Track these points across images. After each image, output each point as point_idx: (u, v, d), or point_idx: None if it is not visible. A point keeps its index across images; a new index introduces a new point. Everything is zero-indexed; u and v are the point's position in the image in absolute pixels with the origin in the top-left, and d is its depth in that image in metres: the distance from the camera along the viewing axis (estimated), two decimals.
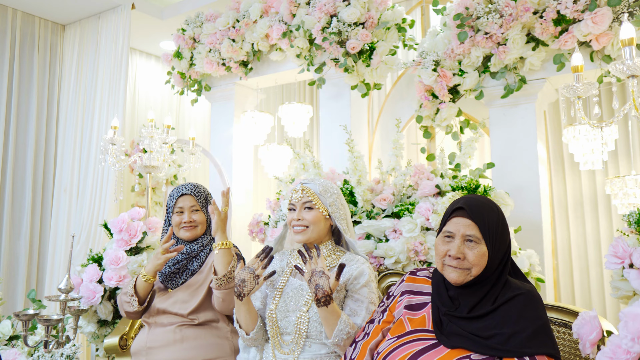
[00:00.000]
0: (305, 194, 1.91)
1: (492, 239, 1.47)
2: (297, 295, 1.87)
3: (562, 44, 2.55)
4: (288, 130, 3.87)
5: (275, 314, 1.86)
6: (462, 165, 2.53)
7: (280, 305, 1.87)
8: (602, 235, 3.38)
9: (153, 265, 2.13)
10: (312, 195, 1.90)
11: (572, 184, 3.50)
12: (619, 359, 1.29)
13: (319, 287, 1.68)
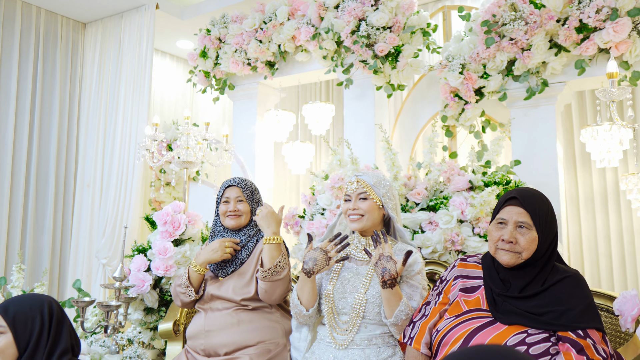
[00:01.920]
0: (360, 186, 2.07)
1: (542, 226, 1.65)
2: (353, 278, 2.03)
3: (583, 50, 2.75)
4: (312, 129, 4.03)
5: (333, 294, 2.02)
6: (491, 162, 2.71)
7: (337, 287, 2.03)
8: (612, 229, 3.61)
9: (206, 258, 2.27)
10: (367, 187, 2.06)
11: (583, 180, 3.73)
12: None
13: (386, 270, 1.84)
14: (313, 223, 2.90)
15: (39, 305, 1.70)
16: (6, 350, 1.61)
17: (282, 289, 2.23)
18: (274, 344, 2.23)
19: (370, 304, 1.95)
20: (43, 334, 1.65)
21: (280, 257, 2.20)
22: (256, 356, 2.16)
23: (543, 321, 1.57)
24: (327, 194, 2.92)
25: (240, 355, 2.16)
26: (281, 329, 2.30)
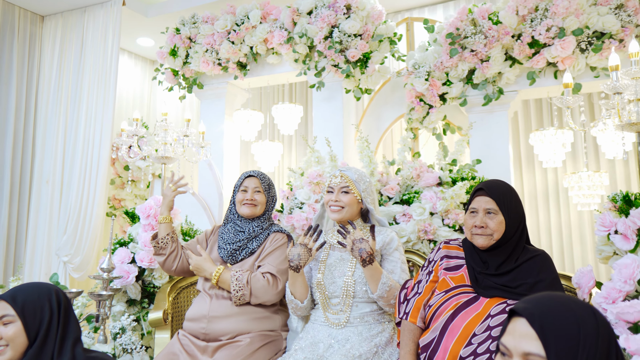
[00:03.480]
0: (343, 180, 2.28)
1: (508, 210, 1.92)
2: (340, 264, 2.24)
3: (534, 63, 3.12)
4: (281, 129, 4.20)
5: (323, 281, 2.22)
6: (456, 161, 3.01)
7: (326, 274, 2.23)
8: (552, 223, 4.05)
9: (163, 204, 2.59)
10: (349, 182, 2.27)
11: (527, 179, 4.16)
12: (613, 297, 1.80)
13: (362, 250, 2.07)
14: (292, 216, 3.07)
15: (47, 293, 1.69)
16: (16, 339, 1.60)
17: (264, 300, 2.34)
18: (272, 333, 2.39)
19: (358, 284, 2.17)
20: (52, 322, 1.64)
21: (235, 285, 2.30)
22: (255, 339, 2.31)
23: (518, 292, 1.85)
24: (305, 189, 3.11)
25: (241, 338, 2.30)
26: (280, 320, 2.45)
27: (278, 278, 2.37)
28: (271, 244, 2.49)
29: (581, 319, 1.01)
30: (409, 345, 1.91)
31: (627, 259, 1.80)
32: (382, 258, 2.25)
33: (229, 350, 2.27)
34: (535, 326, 1.02)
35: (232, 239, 2.49)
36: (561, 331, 1.01)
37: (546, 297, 1.08)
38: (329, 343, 2.13)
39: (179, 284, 2.93)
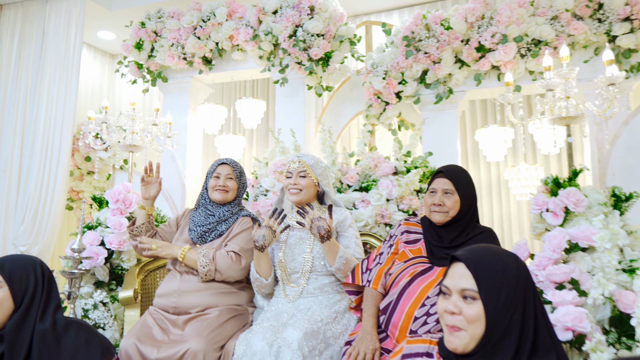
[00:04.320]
0: (301, 165, 2.49)
1: (463, 191, 2.20)
2: (299, 242, 2.45)
3: (480, 66, 3.44)
4: (244, 122, 4.36)
5: (284, 259, 2.43)
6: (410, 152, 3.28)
7: (287, 252, 2.44)
8: (495, 214, 4.41)
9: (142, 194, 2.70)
10: (307, 166, 2.48)
11: (473, 173, 4.51)
12: (543, 264, 2.09)
13: (321, 227, 2.26)
14: (258, 203, 3.25)
15: (32, 263, 1.82)
16: (3, 303, 1.72)
17: (227, 275, 2.49)
18: (239, 307, 2.55)
19: (316, 259, 2.38)
20: (37, 289, 1.77)
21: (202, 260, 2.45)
22: (224, 312, 2.46)
23: None
24: (270, 177, 3.29)
25: (210, 311, 2.45)
26: (246, 296, 2.61)
27: (241, 256, 2.53)
28: (238, 227, 2.65)
29: (506, 264, 1.28)
30: (371, 309, 2.13)
31: (555, 231, 2.09)
32: (338, 234, 2.46)
33: (199, 322, 2.40)
34: (471, 268, 1.27)
35: (203, 222, 2.64)
36: (490, 272, 1.27)
37: (480, 247, 1.35)
38: (292, 313, 2.32)
39: (146, 267, 3.03)
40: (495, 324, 1.23)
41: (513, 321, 1.25)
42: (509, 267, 1.29)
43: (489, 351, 1.25)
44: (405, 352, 1.45)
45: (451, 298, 1.29)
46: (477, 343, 1.25)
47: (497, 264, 1.29)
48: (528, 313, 1.25)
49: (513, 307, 1.26)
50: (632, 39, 3.16)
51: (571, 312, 1.68)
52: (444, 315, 1.30)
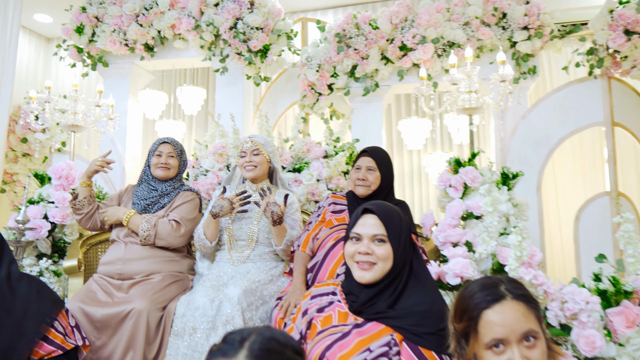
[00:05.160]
0: (253, 144, 2.76)
1: (384, 168, 2.57)
2: (248, 214, 2.72)
3: (403, 63, 3.85)
4: (185, 109, 4.55)
5: (232, 227, 2.69)
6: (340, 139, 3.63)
7: (235, 221, 2.70)
8: (415, 199, 4.87)
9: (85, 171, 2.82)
10: (259, 145, 2.76)
11: (396, 161, 4.95)
12: (445, 229, 2.49)
13: (274, 212, 2.50)
14: (198, 182, 3.48)
15: None
16: None
17: (167, 242, 2.71)
18: (181, 274, 2.77)
19: (261, 232, 2.66)
20: None
21: (143, 225, 2.67)
22: (166, 277, 2.68)
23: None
24: (210, 158, 3.53)
25: (153, 276, 2.67)
26: (187, 263, 2.84)
27: (181, 224, 2.75)
28: (180, 199, 2.87)
29: (400, 216, 1.67)
30: (300, 268, 2.45)
31: (454, 202, 2.50)
32: (285, 215, 2.75)
33: (143, 286, 2.62)
34: (381, 218, 1.62)
35: (146, 196, 2.84)
36: (393, 222, 1.64)
37: (382, 203, 1.72)
38: (232, 275, 2.59)
39: (88, 241, 3.18)
40: (399, 260, 1.59)
41: (407, 258, 1.61)
42: (402, 218, 1.66)
43: (389, 281, 1.60)
44: (314, 293, 1.75)
45: (362, 242, 1.62)
46: (384, 275, 1.59)
47: (396, 215, 1.66)
48: (412, 253, 1.62)
49: (407, 248, 1.62)
50: (529, 45, 3.67)
51: (460, 262, 2.07)
52: (355, 256, 1.62)
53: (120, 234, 2.79)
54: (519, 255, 2.00)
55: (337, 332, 1.56)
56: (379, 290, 1.60)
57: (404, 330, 1.49)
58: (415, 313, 1.51)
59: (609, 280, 1.93)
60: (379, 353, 1.44)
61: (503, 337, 1.19)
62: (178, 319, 2.43)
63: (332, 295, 1.73)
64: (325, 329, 1.60)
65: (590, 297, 1.79)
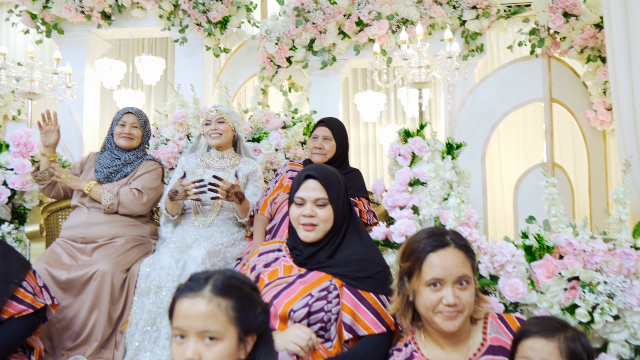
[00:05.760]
0: (218, 113, 2.86)
1: (339, 138, 2.74)
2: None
3: (359, 38, 4.00)
4: (143, 79, 4.56)
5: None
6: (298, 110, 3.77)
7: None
8: (370, 169, 5.09)
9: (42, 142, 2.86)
10: (224, 114, 2.87)
11: (353, 134, 5.14)
12: (393, 195, 2.69)
13: (238, 193, 2.59)
14: (158, 151, 3.56)
15: None
16: None
17: (130, 210, 2.80)
18: (143, 238, 2.87)
19: None
20: None
21: (106, 194, 2.75)
22: (129, 240, 2.78)
23: None
24: (170, 128, 3.61)
25: (117, 240, 2.76)
26: (149, 228, 2.94)
27: (144, 193, 2.84)
28: (143, 168, 2.95)
29: (338, 179, 1.81)
30: (260, 230, 2.61)
31: (403, 169, 2.71)
32: (249, 182, 2.87)
33: (106, 249, 2.71)
34: (322, 182, 1.76)
35: (109, 164, 2.90)
36: (333, 185, 1.78)
37: (322, 167, 1.85)
38: (196, 238, 2.72)
39: (49, 207, 3.23)
40: (339, 220, 1.76)
41: (345, 216, 1.78)
42: (340, 181, 1.81)
43: (330, 238, 1.76)
44: (261, 251, 1.90)
45: (306, 205, 1.75)
46: (325, 234, 1.75)
47: (335, 179, 1.80)
48: (350, 210, 1.80)
49: (345, 207, 1.79)
50: (478, 24, 3.89)
51: (405, 222, 2.28)
52: (300, 218, 1.75)
53: (83, 199, 2.86)
54: (457, 216, 2.22)
55: (283, 282, 1.72)
56: (320, 246, 1.75)
57: (343, 276, 1.67)
58: (352, 261, 1.70)
59: (534, 237, 2.18)
60: (318, 297, 1.63)
61: (442, 277, 1.41)
62: (142, 279, 2.55)
63: (277, 252, 1.87)
64: (272, 281, 1.75)
65: (516, 250, 2.03)
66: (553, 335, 1.32)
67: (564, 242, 2.09)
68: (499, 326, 1.50)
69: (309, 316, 1.61)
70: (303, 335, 1.52)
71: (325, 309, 1.62)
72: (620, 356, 1.93)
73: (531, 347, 1.32)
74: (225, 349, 1.08)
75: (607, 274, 1.96)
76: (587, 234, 2.08)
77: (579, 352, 1.31)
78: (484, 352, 1.45)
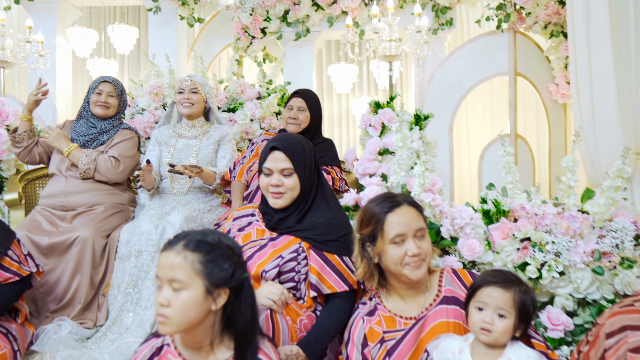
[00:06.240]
0: (192, 83, 2.93)
1: (312, 109, 2.85)
2: (186, 149, 2.93)
3: (333, 10, 4.06)
4: (116, 48, 4.54)
5: (173, 161, 2.88)
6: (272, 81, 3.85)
7: (175, 156, 2.90)
8: (343, 140, 5.22)
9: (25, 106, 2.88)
10: (197, 84, 2.94)
11: (326, 105, 5.24)
12: (363, 163, 2.83)
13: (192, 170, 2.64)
14: (134, 121, 3.61)
15: None
16: None
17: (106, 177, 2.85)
18: (122, 206, 2.95)
19: (201, 163, 2.88)
20: None
21: (84, 159, 2.80)
22: (109, 207, 2.86)
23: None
24: (146, 97, 3.65)
25: (96, 207, 2.84)
26: (128, 196, 3.02)
27: (120, 161, 2.90)
28: (119, 137, 3.00)
29: (304, 147, 1.89)
30: (238, 195, 2.74)
31: (373, 139, 2.84)
32: (219, 146, 2.97)
33: (86, 216, 2.79)
34: (287, 153, 1.85)
35: (85, 132, 2.95)
36: (298, 154, 1.86)
37: (288, 137, 1.94)
38: (174, 205, 2.83)
39: (26, 176, 3.27)
40: (305, 187, 1.87)
41: (312, 183, 1.90)
42: (306, 149, 1.91)
43: (299, 204, 1.88)
44: (235, 216, 2.02)
45: (273, 175, 1.85)
46: (293, 201, 1.87)
47: (300, 149, 1.88)
48: (318, 177, 1.92)
49: (313, 174, 1.91)
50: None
51: (374, 189, 2.43)
52: (268, 187, 1.86)
53: (61, 167, 2.90)
54: (422, 183, 2.38)
55: (256, 245, 1.85)
56: (290, 212, 1.88)
57: (310, 240, 1.81)
58: (319, 225, 1.83)
59: (492, 202, 2.36)
60: (289, 258, 1.77)
61: (403, 232, 1.57)
62: (122, 245, 2.65)
63: (251, 217, 1.99)
64: (245, 244, 1.88)
65: (474, 214, 2.20)
66: (510, 287, 1.47)
67: (518, 206, 2.27)
68: (453, 279, 1.67)
69: (280, 276, 1.76)
70: (275, 290, 1.66)
71: (295, 269, 1.77)
72: (565, 308, 2.14)
73: (489, 295, 1.47)
74: (190, 297, 1.21)
75: (556, 235, 2.16)
76: (539, 199, 2.27)
77: (528, 304, 1.47)
78: (438, 302, 1.62)
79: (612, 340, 1.37)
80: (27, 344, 2.25)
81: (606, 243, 2.11)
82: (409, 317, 1.62)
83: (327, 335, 1.70)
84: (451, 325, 1.57)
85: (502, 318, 1.44)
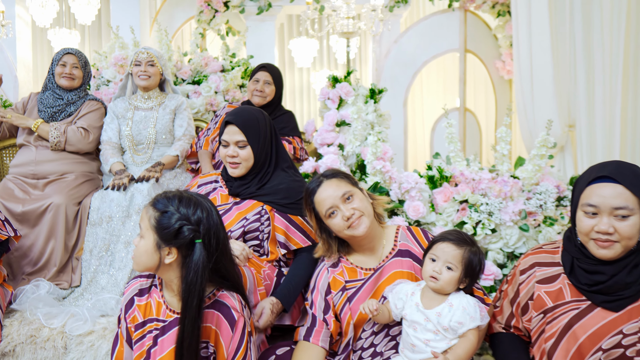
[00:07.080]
0: (149, 56, 3.02)
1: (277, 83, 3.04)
2: (144, 120, 3.02)
3: None
4: (78, 18, 4.55)
5: (131, 134, 3.01)
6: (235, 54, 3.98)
7: (134, 128, 3.01)
8: (305, 111, 5.42)
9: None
10: (153, 57, 3.03)
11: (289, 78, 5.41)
12: (321, 134, 3.05)
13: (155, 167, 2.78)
14: (100, 92, 3.70)
15: None
16: None
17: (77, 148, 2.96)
18: (92, 174, 3.07)
19: (159, 133, 3.01)
20: None
21: (53, 132, 2.89)
22: (79, 176, 2.98)
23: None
24: (111, 69, 3.74)
25: (67, 175, 2.96)
26: (95, 165, 3.13)
27: (89, 132, 3.01)
28: (86, 108, 3.10)
29: (259, 119, 2.05)
30: (206, 161, 2.93)
31: (331, 111, 3.07)
32: (175, 115, 3.08)
33: (58, 184, 2.90)
34: (240, 127, 2.02)
35: (52, 104, 3.04)
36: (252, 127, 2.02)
37: (243, 111, 2.08)
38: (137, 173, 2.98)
39: None
40: (259, 158, 2.05)
41: (267, 152, 2.09)
42: (261, 121, 2.07)
43: (256, 172, 2.07)
44: (200, 182, 2.19)
45: (230, 147, 2.02)
46: (249, 170, 2.06)
47: (253, 121, 2.04)
48: (273, 146, 2.10)
49: (267, 144, 2.08)
50: None
51: (331, 157, 2.66)
52: (226, 158, 2.04)
53: (29, 138, 2.99)
54: (374, 151, 2.62)
55: (221, 209, 2.03)
56: (248, 180, 2.07)
57: (272, 203, 2.03)
58: (279, 190, 2.04)
59: (436, 169, 2.64)
60: (253, 219, 2.00)
61: (330, 205, 1.73)
62: (94, 211, 2.79)
63: (215, 183, 2.16)
64: None
65: (419, 179, 2.47)
66: (462, 246, 1.65)
67: (458, 173, 2.55)
68: (407, 236, 1.88)
69: (245, 235, 1.98)
70: (237, 247, 1.89)
71: (259, 229, 1.99)
72: (496, 261, 2.46)
73: (442, 249, 1.66)
74: (143, 245, 1.45)
75: (490, 197, 2.46)
76: (476, 166, 2.56)
77: (475, 263, 1.65)
78: (394, 254, 1.83)
79: (524, 276, 1.65)
80: (7, 303, 2.40)
81: (532, 204, 2.43)
82: (369, 268, 1.81)
83: (299, 285, 1.94)
84: (405, 275, 1.78)
85: (449, 270, 1.63)
